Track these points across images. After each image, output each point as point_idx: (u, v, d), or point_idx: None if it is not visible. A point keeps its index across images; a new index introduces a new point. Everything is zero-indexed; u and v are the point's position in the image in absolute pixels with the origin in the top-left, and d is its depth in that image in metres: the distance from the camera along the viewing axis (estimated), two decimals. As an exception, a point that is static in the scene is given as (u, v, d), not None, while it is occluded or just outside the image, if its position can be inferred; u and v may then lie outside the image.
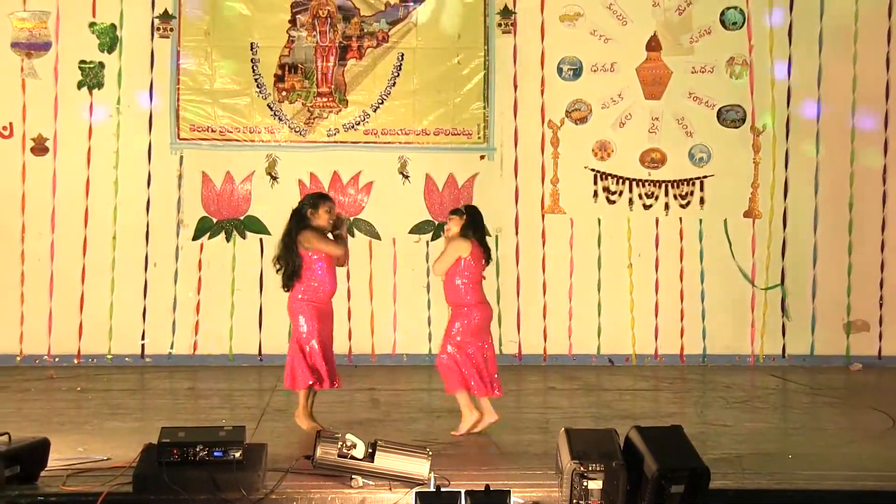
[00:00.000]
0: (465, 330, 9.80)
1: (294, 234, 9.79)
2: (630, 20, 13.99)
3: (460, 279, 9.80)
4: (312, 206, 9.84)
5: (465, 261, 9.76)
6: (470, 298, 9.83)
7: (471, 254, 9.77)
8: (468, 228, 9.83)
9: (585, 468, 7.27)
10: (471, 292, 9.83)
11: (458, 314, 9.86)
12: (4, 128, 13.61)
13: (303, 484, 7.70)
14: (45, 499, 7.51)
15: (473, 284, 9.84)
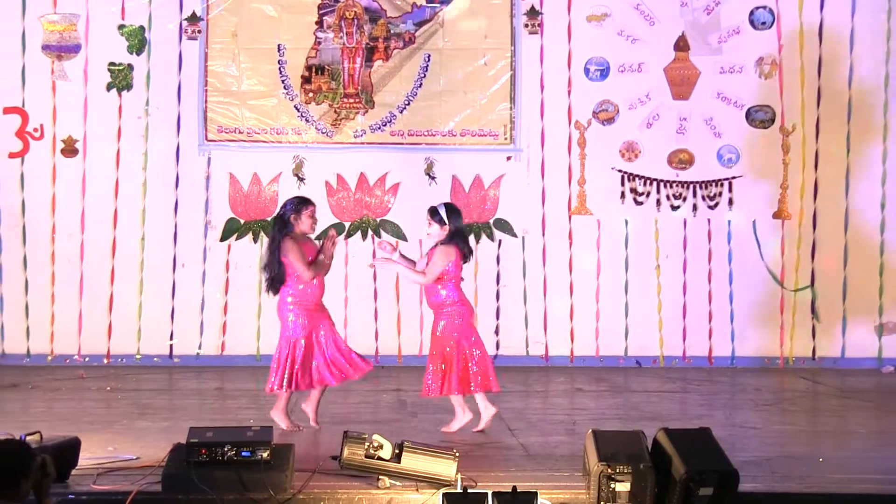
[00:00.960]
0: (449, 328, 9.89)
1: (277, 241, 9.85)
2: (658, 20, 13.95)
3: (443, 285, 9.91)
4: (295, 211, 9.90)
5: (448, 268, 9.86)
6: (451, 300, 9.91)
7: (455, 261, 9.87)
8: (452, 235, 9.89)
9: (613, 470, 7.26)
10: (452, 292, 9.93)
11: (441, 315, 9.95)
12: (35, 129, 13.67)
13: (330, 484, 7.72)
14: (76, 497, 7.55)
15: (455, 286, 9.95)
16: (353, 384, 12.00)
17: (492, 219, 13.94)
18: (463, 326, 9.93)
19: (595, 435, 7.60)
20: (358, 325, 13.80)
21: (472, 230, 13.85)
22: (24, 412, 10.73)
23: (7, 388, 12.04)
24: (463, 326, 9.93)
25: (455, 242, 9.87)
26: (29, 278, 13.69)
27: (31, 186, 13.67)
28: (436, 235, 9.92)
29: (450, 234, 9.87)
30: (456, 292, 9.94)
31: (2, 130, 13.63)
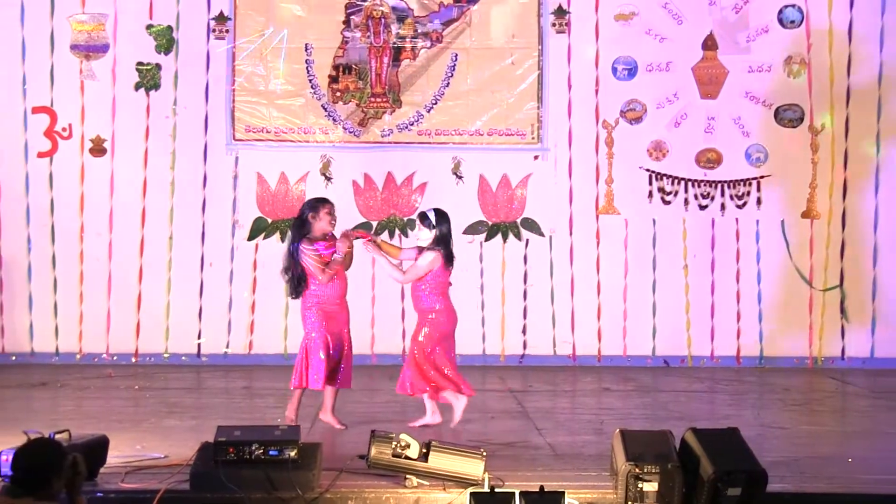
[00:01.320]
0: (432, 335, 9.95)
1: (295, 245, 9.88)
2: (686, 19, 13.91)
3: (428, 287, 9.96)
4: (312, 209, 9.94)
5: (433, 272, 9.89)
6: (439, 305, 9.98)
7: (441, 266, 9.93)
8: (439, 241, 9.94)
9: (641, 470, 7.25)
10: (439, 299, 9.98)
11: (426, 320, 10.01)
12: (64, 129, 13.72)
13: (357, 483, 7.72)
14: (105, 496, 7.58)
15: (441, 291, 10.01)
16: (380, 384, 12.03)
17: (519, 218, 13.92)
18: (443, 334, 10.01)
19: (623, 434, 7.59)
20: (385, 324, 13.81)
21: (500, 230, 13.86)
22: (53, 410, 10.79)
23: (36, 387, 12.10)
24: (443, 334, 10.01)
25: (439, 248, 9.90)
26: (58, 277, 13.74)
27: (60, 186, 13.73)
28: (426, 240, 9.97)
29: (435, 240, 9.92)
30: (442, 300, 10.01)
31: (31, 130, 13.70)
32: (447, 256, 9.97)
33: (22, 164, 13.72)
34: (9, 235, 13.70)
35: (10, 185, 13.71)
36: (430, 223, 9.93)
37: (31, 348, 13.72)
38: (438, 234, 9.94)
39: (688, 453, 7.39)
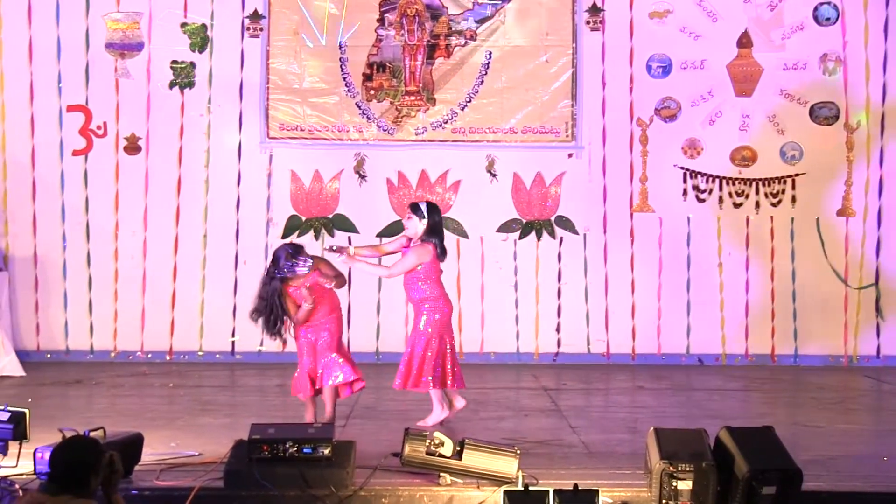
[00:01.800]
0: (431, 325, 9.86)
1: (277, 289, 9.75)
2: (720, 16, 13.86)
3: (423, 280, 9.88)
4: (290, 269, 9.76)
5: (425, 264, 9.83)
6: (434, 294, 9.91)
7: (433, 258, 9.85)
8: (431, 233, 9.87)
9: (675, 468, 7.23)
10: (434, 289, 9.92)
11: (423, 310, 9.92)
12: (99, 127, 13.78)
13: (391, 481, 7.72)
14: (140, 493, 7.61)
15: (436, 282, 9.94)
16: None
17: (553, 216, 13.90)
18: (442, 322, 9.93)
19: (657, 433, 7.56)
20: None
21: (534, 228, 13.85)
22: (88, 408, 10.84)
23: (71, 385, 12.16)
24: (442, 322, 9.93)
25: (431, 240, 9.85)
26: (92, 275, 13.80)
27: (95, 184, 13.79)
28: (413, 229, 9.90)
29: (428, 230, 9.85)
30: (437, 288, 9.94)
31: (66, 128, 13.77)
32: (440, 251, 9.91)
33: (57, 163, 13.79)
34: (44, 233, 13.77)
35: (46, 184, 13.78)
36: (422, 213, 9.87)
37: (66, 346, 13.80)
38: (431, 224, 9.87)
39: (722, 452, 7.37)
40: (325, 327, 9.85)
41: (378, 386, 11.60)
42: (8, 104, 13.74)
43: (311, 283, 9.74)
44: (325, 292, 9.80)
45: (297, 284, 9.70)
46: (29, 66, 13.75)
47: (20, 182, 13.77)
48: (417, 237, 9.89)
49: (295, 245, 10.06)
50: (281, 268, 9.73)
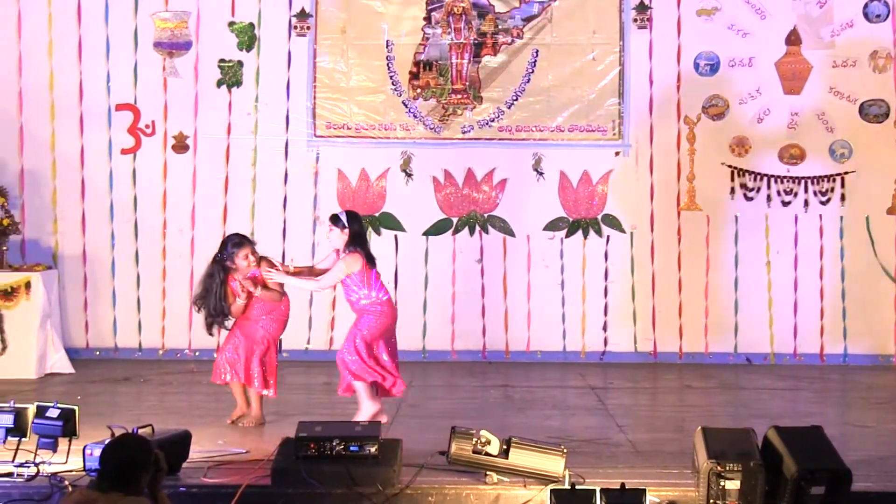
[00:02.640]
0: (372, 328, 9.79)
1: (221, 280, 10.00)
2: (769, 14, 13.78)
3: (360, 287, 9.79)
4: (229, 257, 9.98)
5: (356, 273, 9.75)
6: (373, 300, 9.81)
7: (364, 266, 9.74)
8: (353, 242, 9.80)
9: (723, 468, 7.19)
10: (373, 294, 9.82)
11: (367, 313, 9.82)
12: (147, 126, 13.85)
13: (437, 479, 7.73)
14: (187, 490, 7.65)
15: (374, 287, 9.83)
16: (460, 380, 12.05)
17: (600, 214, 13.86)
18: (382, 327, 9.84)
19: (704, 432, 7.53)
20: (465, 321, 13.82)
21: (581, 226, 13.82)
22: (137, 405, 10.91)
23: (119, 382, 12.23)
24: (382, 327, 9.84)
25: (357, 249, 9.76)
26: (140, 273, 13.87)
27: (143, 182, 13.86)
28: (336, 239, 9.83)
29: (350, 239, 9.77)
30: (377, 293, 9.85)
31: (114, 127, 13.84)
32: (367, 256, 9.83)
33: (106, 161, 13.88)
34: (93, 232, 13.86)
35: (94, 182, 13.87)
36: (342, 223, 9.80)
37: (114, 344, 13.88)
38: (353, 233, 9.80)
39: (770, 451, 7.33)
40: (260, 326, 10.03)
41: (425, 384, 11.63)
42: (57, 103, 13.83)
43: (251, 277, 9.87)
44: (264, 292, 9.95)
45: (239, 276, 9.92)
46: (78, 65, 13.84)
47: (69, 181, 13.86)
48: (343, 248, 9.82)
49: (243, 236, 10.24)
50: (224, 254, 9.97)
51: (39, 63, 13.81)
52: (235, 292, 10.00)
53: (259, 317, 10.05)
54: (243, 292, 9.98)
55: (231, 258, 9.96)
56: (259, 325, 10.03)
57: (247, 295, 9.99)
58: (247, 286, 9.93)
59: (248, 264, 9.97)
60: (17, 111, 13.83)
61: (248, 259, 9.96)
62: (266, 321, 10.06)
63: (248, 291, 9.95)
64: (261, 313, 10.05)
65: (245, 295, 9.98)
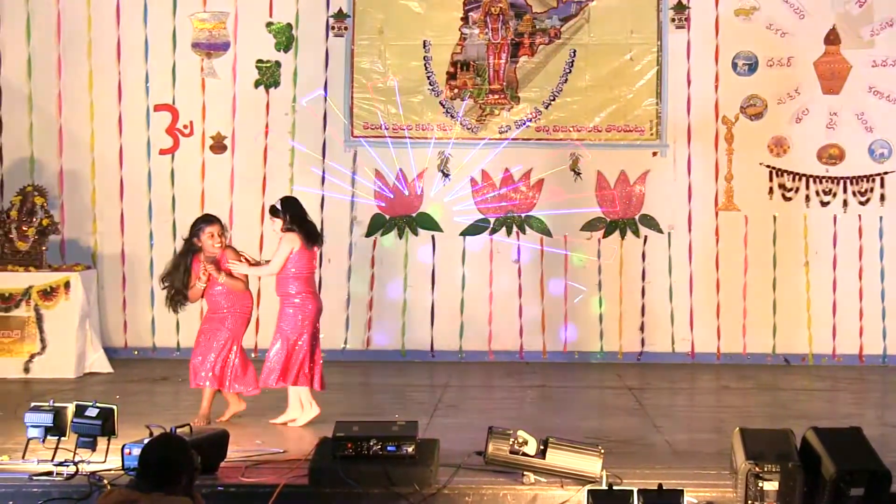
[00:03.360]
0: (295, 321, 9.93)
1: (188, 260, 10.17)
2: (807, 13, 13.71)
3: (294, 271, 9.94)
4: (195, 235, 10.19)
5: (295, 254, 9.90)
6: (299, 289, 9.96)
7: (301, 246, 9.90)
8: (292, 222, 9.94)
9: (761, 469, 7.17)
10: (301, 283, 9.96)
11: (289, 304, 9.99)
12: (185, 126, 13.91)
13: (474, 480, 7.73)
14: (225, 489, 7.68)
15: (304, 276, 10.00)
16: (497, 380, 12.05)
17: (637, 215, 13.83)
18: (310, 319, 10.01)
19: (742, 433, 7.51)
20: (503, 321, 13.82)
21: (618, 226, 13.79)
22: (175, 405, 10.95)
23: (158, 382, 12.29)
24: (310, 319, 10.01)
25: (293, 228, 9.91)
26: (179, 273, 13.92)
27: (181, 182, 13.92)
28: (277, 227, 10.05)
29: (288, 222, 9.94)
30: (304, 285, 10.00)
31: (153, 127, 13.91)
32: (306, 235, 9.96)
33: (144, 162, 13.94)
34: (131, 232, 13.93)
35: (133, 182, 13.94)
36: (277, 210, 10.01)
37: (152, 343, 13.94)
38: (289, 218, 9.96)
39: (809, 453, 7.30)
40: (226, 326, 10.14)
41: (462, 385, 11.62)
42: (97, 104, 13.91)
43: (214, 263, 10.02)
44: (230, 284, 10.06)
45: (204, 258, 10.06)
46: (117, 65, 13.92)
47: (108, 181, 13.95)
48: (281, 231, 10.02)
49: (213, 215, 10.30)
50: (192, 232, 10.16)
51: (79, 64, 13.90)
52: (197, 275, 10.10)
53: (226, 316, 10.14)
54: (204, 275, 10.05)
55: (197, 235, 10.12)
56: (225, 326, 10.12)
57: (207, 278, 10.06)
58: (210, 270, 10.01)
59: (213, 244, 10.11)
60: (57, 112, 13.93)
61: (214, 238, 10.12)
62: (231, 320, 10.13)
63: (210, 276, 10.01)
64: (228, 311, 10.14)
65: (206, 278, 10.06)
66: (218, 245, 10.11)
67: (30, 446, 8.33)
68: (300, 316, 9.97)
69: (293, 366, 9.96)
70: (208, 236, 10.09)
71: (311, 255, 10.11)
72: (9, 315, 12.63)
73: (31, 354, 12.60)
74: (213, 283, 10.08)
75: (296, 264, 9.95)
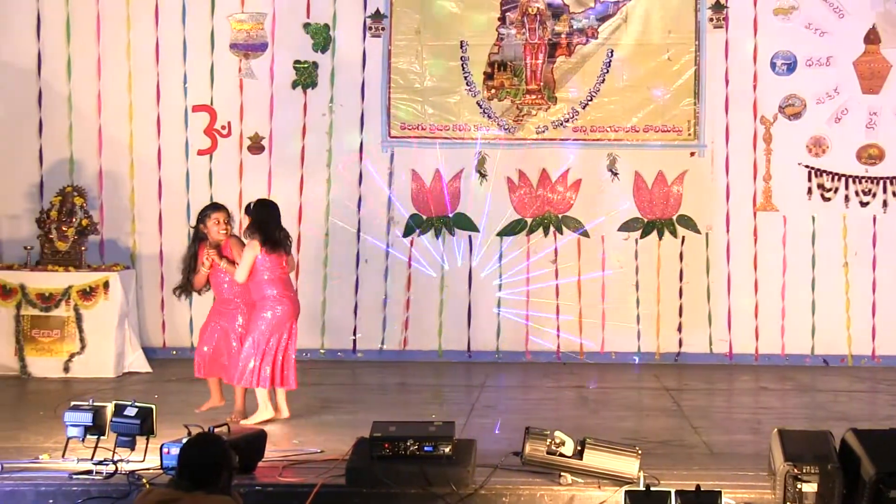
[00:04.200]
0: (267, 323, 10.01)
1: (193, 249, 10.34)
2: (847, 12, 13.63)
3: (266, 275, 10.02)
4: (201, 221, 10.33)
5: (259, 259, 9.94)
6: (273, 293, 10.03)
7: (262, 251, 9.95)
8: (253, 228, 10.06)
9: (799, 470, 7.15)
10: (273, 286, 10.03)
11: (262, 307, 10.07)
12: (223, 127, 13.95)
13: (511, 480, 7.74)
14: (262, 489, 7.71)
15: (275, 279, 10.05)
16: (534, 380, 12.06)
17: (675, 215, 13.79)
18: (279, 320, 10.04)
19: (781, 434, 7.49)
20: (540, 321, 13.79)
21: (656, 227, 13.76)
22: (213, 404, 10.97)
23: (196, 381, 12.29)
24: (279, 320, 10.04)
25: (255, 235, 10.01)
26: (217, 273, 13.97)
27: (219, 182, 13.96)
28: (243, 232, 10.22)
29: (250, 227, 10.07)
30: (275, 286, 10.07)
31: (191, 128, 13.96)
32: (265, 242, 10.00)
33: (182, 162, 13.99)
34: (169, 232, 13.97)
35: (172, 183, 13.99)
36: (250, 210, 10.20)
37: (191, 343, 13.92)
38: (253, 222, 10.10)
39: (848, 454, 7.27)
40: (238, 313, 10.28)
41: (499, 385, 11.61)
42: (135, 104, 13.98)
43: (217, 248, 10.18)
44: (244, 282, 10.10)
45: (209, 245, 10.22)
46: (156, 66, 13.97)
47: (147, 181, 14.01)
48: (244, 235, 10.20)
49: (219, 204, 10.42)
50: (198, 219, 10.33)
51: (118, 65, 13.97)
52: (201, 260, 10.23)
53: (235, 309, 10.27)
54: (207, 260, 10.17)
55: (203, 221, 10.26)
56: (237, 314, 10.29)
57: (210, 265, 10.18)
58: (211, 255, 10.14)
59: (218, 231, 10.25)
60: (96, 113, 14.00)
61: (219, 224, 10.25)
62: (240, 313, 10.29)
63: (212, 261, 10.12)
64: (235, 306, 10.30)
65: (208, 265, 10.18)
66: (223, 231, 10.26)
67: (69, 445, 8.40)
68: (272, 318, 10.05)
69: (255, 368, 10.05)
70: (214, 222, 10.24)
71: (279, 259, 10.12)
72: (49, 315, 12.72)
73: (71, 354, 12.68)
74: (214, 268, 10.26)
75: (267, 269, 10.04)
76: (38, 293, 12.72)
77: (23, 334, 12.69)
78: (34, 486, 7.89)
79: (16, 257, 13.42)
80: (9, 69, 13.96)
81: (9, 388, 12.04)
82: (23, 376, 12.56)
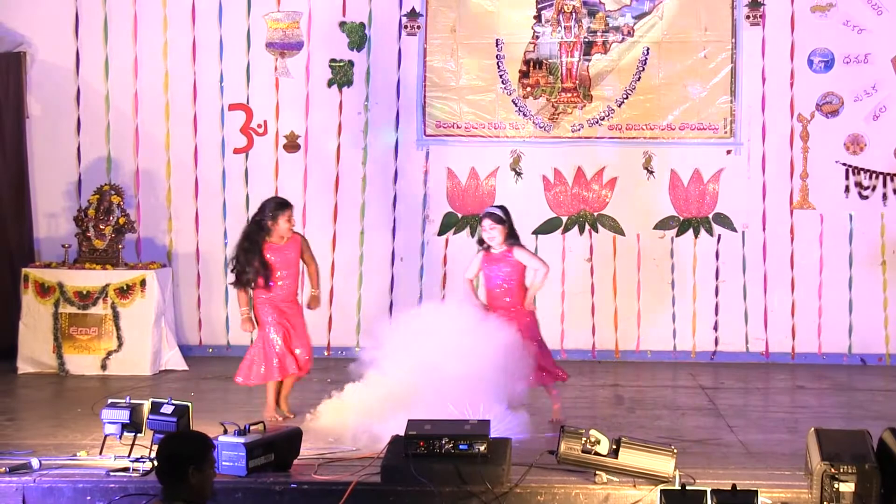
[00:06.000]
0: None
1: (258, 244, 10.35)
2: (885, 9, 13.55)
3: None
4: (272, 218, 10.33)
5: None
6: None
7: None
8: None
9: (837, 470, 7.12)
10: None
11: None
12: (259, 125, 13.99)
13: (546, 479, 7.74)
14: (298, 486, 7.74)
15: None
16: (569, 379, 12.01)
17: (711, 213, 13.75)
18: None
19: (818, 433, 7.46)
20: (575, 320, 13.79)
21: (692, 225, 13.72)
22: (248, 402, 11.02)
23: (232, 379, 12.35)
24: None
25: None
26: (252, 271, 14.01)
27: (255, 181, 14.00)
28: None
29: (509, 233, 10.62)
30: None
31: (227, 127, 14.01)
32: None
33: (219, 161, 14.05)
34: (206, 230, 14.04)
35: (208, 181, 14.04)
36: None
37: (227, 341, 14.03)
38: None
39: (886, 454, 7.24)
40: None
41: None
42: (172, 103, 14.03)
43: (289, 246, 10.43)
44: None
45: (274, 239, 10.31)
46: (192, 65, 14.02)
47: (183, 180, 14.06)
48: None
49: (284, 200, 10.41)
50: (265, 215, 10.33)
51: (155, 64, 14.03)
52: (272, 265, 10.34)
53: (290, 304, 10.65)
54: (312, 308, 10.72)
55: (275, 218, 10.29)
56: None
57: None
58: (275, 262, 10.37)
59: (289, 228, 10.38)
60: (133, 112, 14.06)
61: (291, 222, 10.41)
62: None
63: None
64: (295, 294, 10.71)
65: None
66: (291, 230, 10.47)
67: (107, 442, 8.46)
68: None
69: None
70: (285, 220, 10.31)
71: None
72: (87, 313, 12.80)
73: (108, 352, 12.75)
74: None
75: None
76: (75, 291, 12.80)
77: (61, 332, 12.77)
78: (72, 482, 7.94)
79: (54, 255, 13.50)
80: (48, 68, 14.04)
81: (47, 386, 12.13)
82: (61, 374, 12.64)
